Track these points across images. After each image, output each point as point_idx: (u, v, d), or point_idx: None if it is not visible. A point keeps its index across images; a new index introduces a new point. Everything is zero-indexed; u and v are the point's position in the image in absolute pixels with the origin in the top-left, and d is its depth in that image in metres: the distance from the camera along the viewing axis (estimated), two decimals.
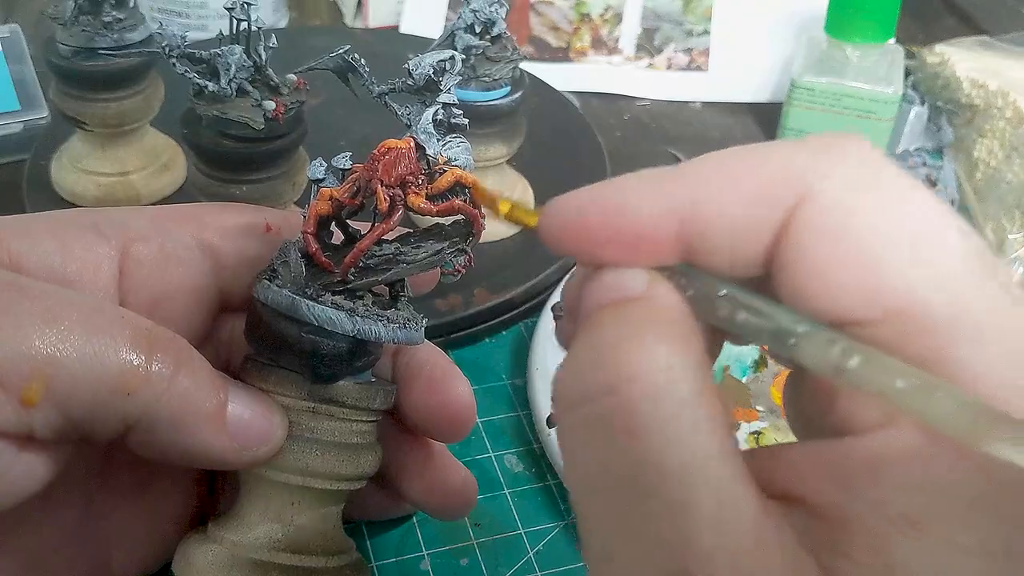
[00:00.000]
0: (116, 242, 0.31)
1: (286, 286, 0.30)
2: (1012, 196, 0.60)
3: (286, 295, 0.30)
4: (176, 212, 0.33)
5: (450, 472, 0.36)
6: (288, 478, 0.31)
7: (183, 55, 0.42)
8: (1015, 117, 0.63)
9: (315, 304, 0.30)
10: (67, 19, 0.48)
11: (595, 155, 0.61)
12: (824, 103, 0.65)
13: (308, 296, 0.30)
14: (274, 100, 0.43)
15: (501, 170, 0.54)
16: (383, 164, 0.30)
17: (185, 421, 0.28)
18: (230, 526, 0.32)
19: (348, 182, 0.31)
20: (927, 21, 0.82)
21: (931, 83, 0.71)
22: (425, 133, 0.31)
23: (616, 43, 0.76)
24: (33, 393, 0.26)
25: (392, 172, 0.30)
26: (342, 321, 0.30)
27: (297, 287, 0.30)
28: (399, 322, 0.31)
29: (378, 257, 0.30)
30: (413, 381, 0.34)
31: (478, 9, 0.48)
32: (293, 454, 0.31)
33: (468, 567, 0.40)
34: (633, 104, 0.73)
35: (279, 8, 0.78)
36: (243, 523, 0.32)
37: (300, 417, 0.31)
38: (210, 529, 0.32)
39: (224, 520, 0.32)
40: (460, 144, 0.32)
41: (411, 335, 0.31)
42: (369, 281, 0.30)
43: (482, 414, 0.46)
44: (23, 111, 0.59)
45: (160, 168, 0.54)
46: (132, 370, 0.27)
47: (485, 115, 0.50)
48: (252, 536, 0.32)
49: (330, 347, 0.30)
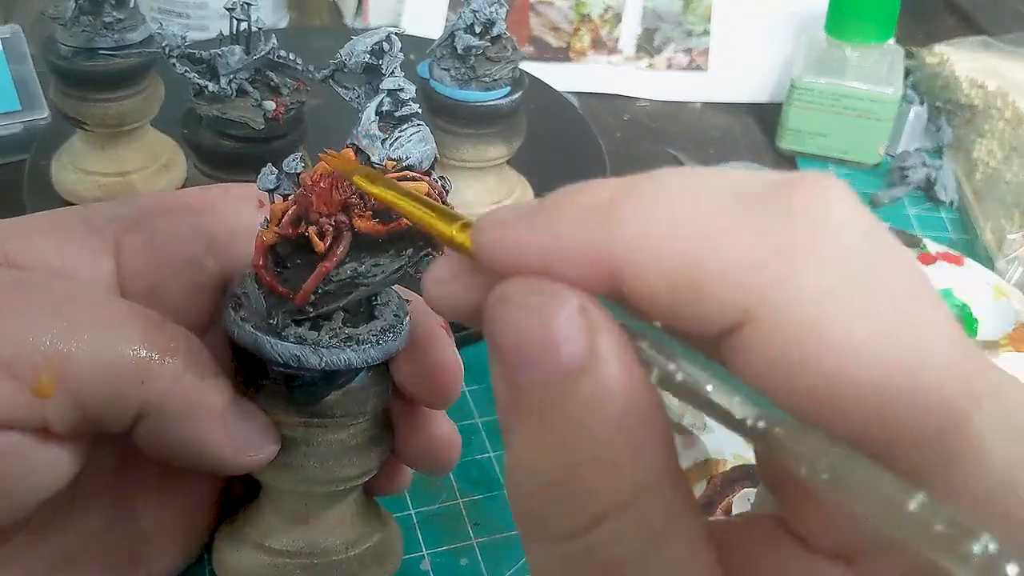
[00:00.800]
0: (109, 234, 0.31)
1: (250, 320, 0.28)
2: (1012, 196, 0.60)
3: (249, 332, 0.28)
4: (164, 198, 0.33)
5: (439, 425, 0.35)
6: (295, 487, 0.32)
7: (183, 55, 0.42)
8: (1014, 117, 0.63)
9: (278, 342, 0.28)
10: (67, 19, 0.48)
11: (595, 155, 0.61)
12: (824, 103, 0.65)
13: (272, 330, 0.28)
14: (274, 100, 0.43)
15: (501, 170, 0.54)
16: (317, 195, 0.27)
17: (192, 413, 0.28)
18: (252, 523, 0.33)
19: (290, 210, 0.28)
20: (927, 21, 0.82)
21: (931, 83, 0.71)
22: (367, 138, 0.28)
23: (616, 43, 0.76)
24: (46, 385, 0.26)
25: (329, 201, 0.27)
26: (307, 357, 0.28)
27: (260, 320, 0.28)
28: (371, 340, 0.29)
29: (335, 282, 0.28)
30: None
31: (478, 9, 0.48)
32: (293, 466, 0.31)
33: (468, 567, 0.40)
34: (633, 104, 0.73)
35: (279, 8, 0.78)
36: (263, 523, 0.33)
37: (295, 431, 0.31)
38: (238, 526, 0.33)
39: (248, 518, 0.33)
40: (414, 134, 0.29)
41: (389, 348, 0.29)
42: (330, 309, 0.28)
43: (482, 414, 0.46)
44: (23, 111, 0.59)
45: (160, 168, 0.54)
46: (145, 359, 0.27)
47: (485, 115, 0.50)
48: (273, 536, 0.32)
49: (305, 378, 0.29)
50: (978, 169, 0.65)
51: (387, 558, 0.34)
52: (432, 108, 0.50)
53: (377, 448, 0.32)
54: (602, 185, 0.19)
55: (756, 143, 0.69)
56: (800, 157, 0.67)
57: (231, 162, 0.44)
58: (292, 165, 0.29)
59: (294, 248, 0.28)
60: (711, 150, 0.68)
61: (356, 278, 0.28)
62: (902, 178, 0.65)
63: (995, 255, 0.58)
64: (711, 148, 0.68)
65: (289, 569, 0.32)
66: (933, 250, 0.55)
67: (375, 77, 0.30)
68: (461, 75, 0.49)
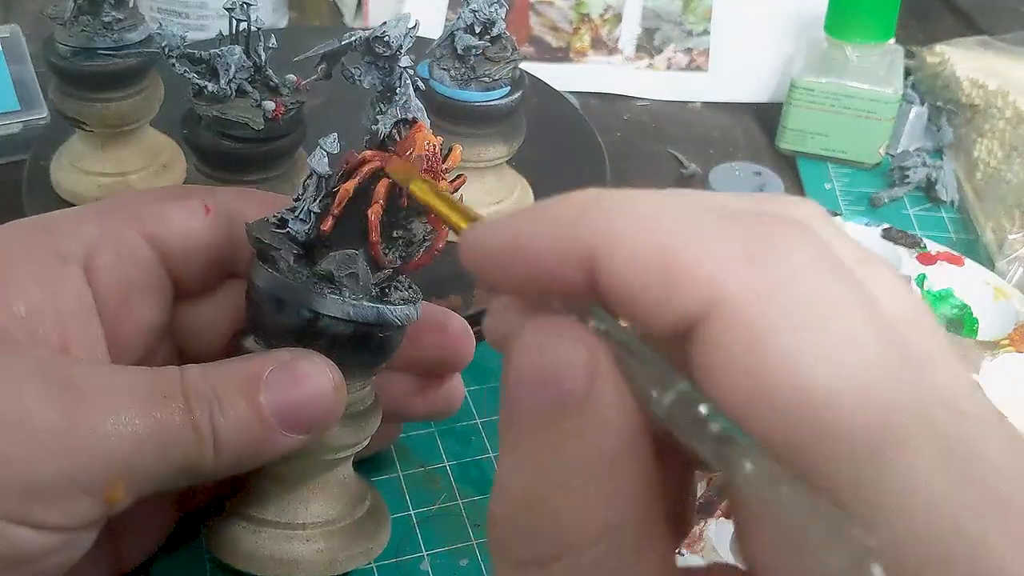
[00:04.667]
0: (79, 258, 0.32)
1: (361, 297, 0.31)
2: (1012, 196, 0.60)
3: (369, 307, 0.31)
4: (118, 210, 0.34)
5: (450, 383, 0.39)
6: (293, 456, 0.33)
7: (182, 55, 0.42)
8: (1015, 117, 0.63)
9: (395, 308, 0.31)
10: (67, 19, 0.48)
11: (595, 155, 0.61)
12: (824, 103, 0.65)
13: (380, 299, 0.31)
14: (274, 100, 0.43)
15: (500, 170, 0.54)
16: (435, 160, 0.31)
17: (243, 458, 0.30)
18: (245, 496, 0.34)
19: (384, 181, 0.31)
20: (927, 21, 0.82)
21: (931, 83, 0.71)
22: (419, 111, 0.32)
23: (616, 43, 0.76)
24: (118, 494, 0.28)
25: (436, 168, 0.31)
26: (412, 315, 0.32)
27: (368, 294, 0.31)
28: (414, 300, 0.32)
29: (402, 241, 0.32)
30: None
31: (478, 9, 0.48)
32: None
33: (468, 567, 0.40)
34: (633, 104, 0.73)
35: (279, 8, 0.78)
36: (255, 495, 0.34)
37: None
38: (233, 504, 0.34)
39: (247, 498, 0.34)
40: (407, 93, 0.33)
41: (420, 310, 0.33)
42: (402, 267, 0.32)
43: (482, 414, 0.46)
44: (23, 111, 0.59)
45: (160, 168, 0.54)
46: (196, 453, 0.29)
47: (485, 115, 0.50)
48: (265, 507, 0.34)
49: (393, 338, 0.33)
50: (978, 169, 0.64)
51: (379, 527, 0.36)
52: (431, 108, 0.50)
53: (371, 418, 0.34)
54: (584, 190, 0.20)
55: (756, 143, 0.69)
56: (800, 157, 0.67)
57: (231, 162, 0.44)
58: (332, 145, 0.32)
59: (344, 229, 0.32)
60: (711, 150, 0.68)
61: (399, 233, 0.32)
62: (902, 178, 0.65)
63: (995, 255, 0.58)
64: (711, 148, 0.68)
65: (281, 539, 0.33)
66: (933, 250, 0.55)
67: (378, 57, 0.32)
68: (461, 75, 0.49)
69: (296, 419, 0.30)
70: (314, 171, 0.31)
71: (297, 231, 0.31)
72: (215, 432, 0.29)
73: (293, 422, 0.30)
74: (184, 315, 0.35)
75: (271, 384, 0.30)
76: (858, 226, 0.56)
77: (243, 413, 0.30)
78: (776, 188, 0.64)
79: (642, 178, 0.64)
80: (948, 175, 0.65)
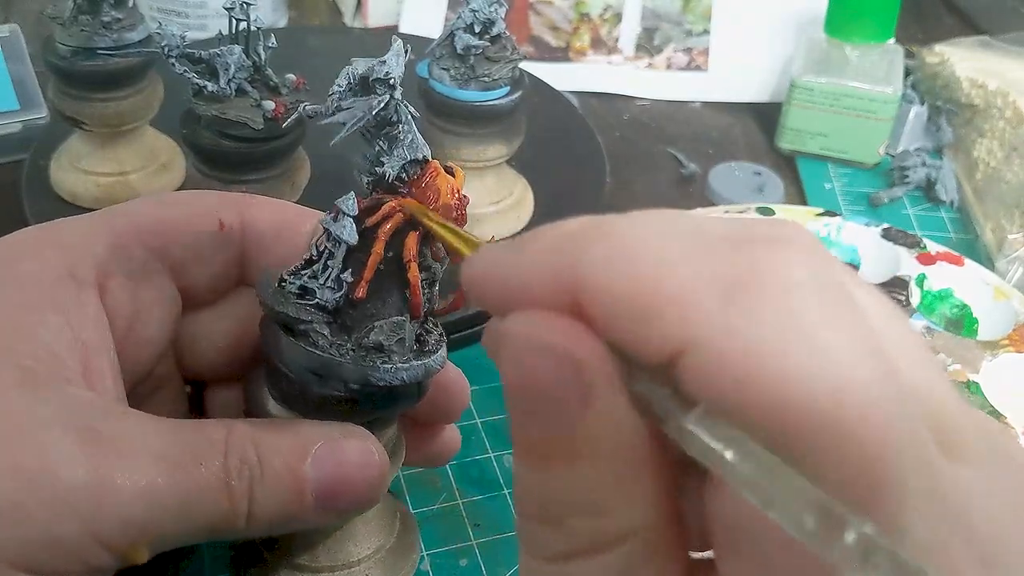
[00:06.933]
0: (93, 281, 0.31)
1: (408, 357, 0.30)
2: (1012, 196, 0.60)
3: (418, 366, 0.30)
4: (127, 223, 0.33)
5: (445, 433, 0.37)
6: None
7: (182, 55, 0.42)
8: (1015, 117, 0.63)
9: (435, 356, 0.31)
10: (66, 19, 0.48)
11: (595, 155, 0.61)
12: (824, 103, 0.65)
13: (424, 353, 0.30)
14: (273, 100, 0.43)
15: (500, 170, 0.54)
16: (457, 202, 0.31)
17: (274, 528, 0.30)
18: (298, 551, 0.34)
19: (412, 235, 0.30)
20: (927, 21, 0.82)
21: (931, 83, 0.71)
22: (426, 147, 0.31)
23: (616, 43, 0.76)
24: (140, 554, 0.28)
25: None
26: (445, 354, 0.31)
27: (412, 351, 0.30)
28: (441, 333, 0.32)
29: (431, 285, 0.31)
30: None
31: (478, 9, 0.48)
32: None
33: (468, 567, 0.40)
34: (633, 104, 0.73)
35: (278, 8, 0.78)
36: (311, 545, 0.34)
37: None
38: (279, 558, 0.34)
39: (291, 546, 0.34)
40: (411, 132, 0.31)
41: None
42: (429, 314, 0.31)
43: (482, 414, 0.46)
44: (22, 111, 0.58)
45: (159, 168, 0.54)
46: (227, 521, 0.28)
47: (485, 115, 0.50)
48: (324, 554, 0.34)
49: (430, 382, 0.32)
50: (978, 169, 0.64)
51: (414, 533, 0.36)
52: (431, 108, 0.50)
53: (399, 452, 0.34)
54: (574, 220, 0.20)
55: (756, 143, 0.69)
56: (800, 157, 0.67)
57: (230, 162, 0.44)
58: (348, 206, 0.29)
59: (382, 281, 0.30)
60: (711, 150, 0.68)
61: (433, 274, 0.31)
62: (902, 178, 0.65)
63: (995, 255, 0.58)
64: (711, 148, 0.68)
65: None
66: (933, 250, 0.55)
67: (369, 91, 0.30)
68: (460, 75, 0.49)
69: (336, 499, 0.30)
70: (343, 241, 0.29)
71: (327, 300, 0.29)
72: (251, 501, 0.28)
73: (332, 502, 0.30)
74: (187, 324, 0.34)
75: (318, 460, 0.29)
76: (858, 226, 0.56)
77: (284, 488, 0.29)
78: (776, 188, 0.64)
79: (642, 178, 0.65)
80: (948, 175, 0.65)
